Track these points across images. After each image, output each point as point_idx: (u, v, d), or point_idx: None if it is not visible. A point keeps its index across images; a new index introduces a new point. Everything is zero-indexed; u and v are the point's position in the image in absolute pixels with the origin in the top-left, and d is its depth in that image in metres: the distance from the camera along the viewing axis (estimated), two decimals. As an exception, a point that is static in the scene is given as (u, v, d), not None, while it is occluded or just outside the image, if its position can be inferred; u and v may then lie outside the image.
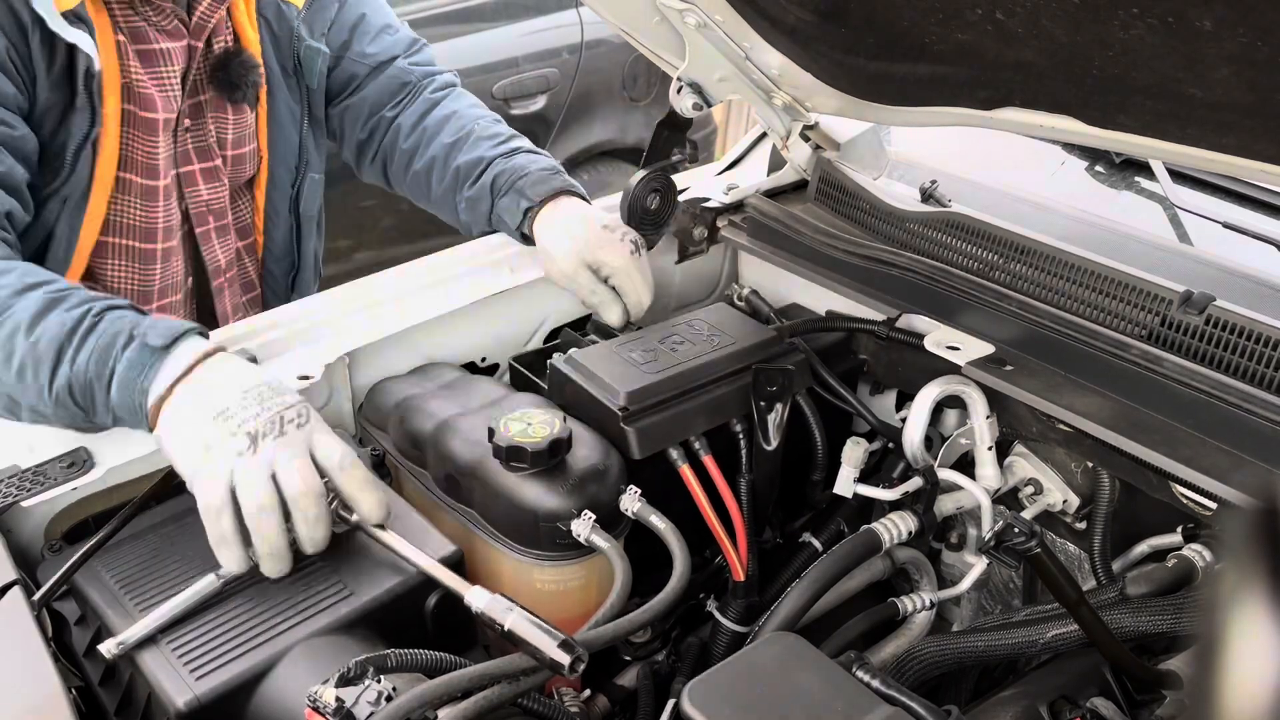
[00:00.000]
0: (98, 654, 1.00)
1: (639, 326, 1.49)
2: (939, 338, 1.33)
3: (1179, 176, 1.55)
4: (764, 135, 1.79)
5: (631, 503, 1.16)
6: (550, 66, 3.60)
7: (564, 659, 0.90)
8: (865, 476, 1.34)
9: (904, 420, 1.31)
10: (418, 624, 1.09)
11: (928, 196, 1.55)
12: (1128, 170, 1.62)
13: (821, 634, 1.19)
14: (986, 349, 1.30)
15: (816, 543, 1.38)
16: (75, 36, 1.34)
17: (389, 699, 0.87)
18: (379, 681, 0.88)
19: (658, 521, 1.14)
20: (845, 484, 1.33)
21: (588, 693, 1.21)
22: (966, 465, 1.34)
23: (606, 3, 1.37)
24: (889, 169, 1.67)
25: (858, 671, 0.98)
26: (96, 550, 1.08)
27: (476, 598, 0.98)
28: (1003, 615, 1.35)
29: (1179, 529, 1.25)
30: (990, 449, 1.31)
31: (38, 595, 1.04)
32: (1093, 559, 1.30)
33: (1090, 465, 1.31)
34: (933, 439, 1.40)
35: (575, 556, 1.15)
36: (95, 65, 1.37)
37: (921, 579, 1.39)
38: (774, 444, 1.30)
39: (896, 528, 1.24)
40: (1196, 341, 1.16)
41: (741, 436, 1.30)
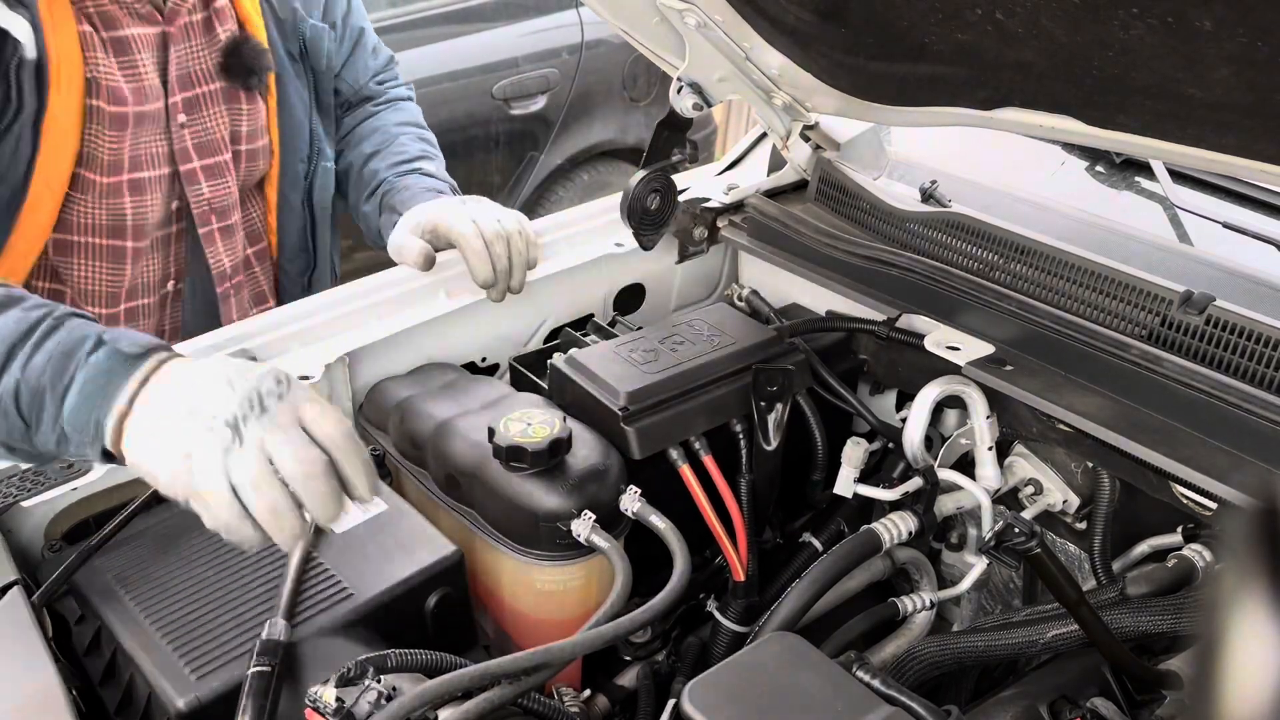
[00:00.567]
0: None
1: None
2: (939, 338, 1.33)
3: (1179, 176, 1.55)
4: (764, 135, 1.79)
5: (631, 503, 1.16)
6: (550, 66, 3.60)
7: None
8: (865, 476, 1.34)
9: (904, 420, 1.31)
10: (418, 624, 1.09)
11: (928, 196, 1.55)
12: (1128, 170, 1.62)
13: (822, 634, 1.19)
14: (986, 349, 1.30)
15: (817, 543, 1.38)
16: (6, 20, 1.28)
17: (389, 699, 0.87)
18: (379, 681, 0.88)
19: (658, 521, 1.14)
20: (845, 484, 1.33)
21: (588, 693, 1.21)
22: (967, 465, 1.34)
23: (606, 3, 1.37)
24: (889, 169, 1.67)
25: (858, 671, 0.98)
26: (96, 550, 1.08)
27: None
28: (1003, 615, 1.35)
29: (1179, 529, 1.25)
30: (990, 449, 1.31)
31: (37, 595, 1.04)
32: (1093, 559, 1.30)
33: (1090, 465, 1.31)
34: (933, 439, 1.40)
35: (575, 556, 1.15)
36: (27, 53, 1.30)
37: (922, 579, 1.39)
38: (774, 444, 1.30)
39: (896, 528, 1.24)
40: (1196, 341, 1.16)
41: (741, 436, 1.30)
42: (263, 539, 0.89)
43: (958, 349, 1.30)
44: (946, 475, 1.30)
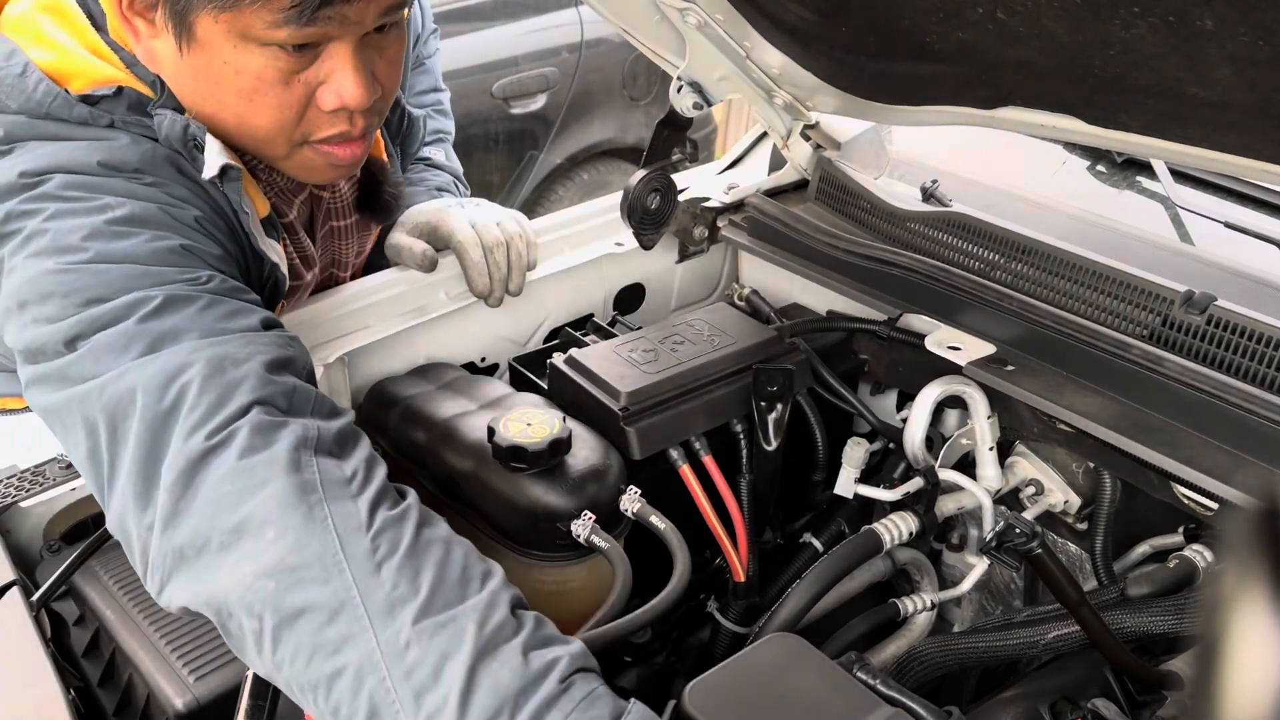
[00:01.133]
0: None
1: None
2: (940, 338, 1.33)
3: (1180, 176, 1.55)
4: (764, 135, 1.79)
5: (631, 503, 1.16)
6: (550, 66, 3.60)
7: None
8: (866, 477, 1.34)
9: (905, 420, 1.30)
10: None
11: (928, 196, 1.55)
12: (1129, 170, 1.62)
13: (822, 635, 1.19)
14: (987, 349, 1.30)
15: (817, 543, 1.38)
16: (270, 249, 1.19)
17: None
18: (378, 682, 0.88)
19: (658, 522, 1.14)
20: (846, 484, 1.33)
21: (588, 693, 1.21)
22: (967, 466, 1.34)
23: (607, 2, 1.37)
24: (889, 168, 1.67)
25: (858, 672, 0.98)
26: (96, 550, 1.08)
27: None
28: (1004, 616, 1.35)
29: (1180, 529, 1.25)
30: (991, 449, 1.31)
31: (37, 595, 1.04)
32: (1094, 559, 1.30)
33: (1091, 466, 1.31)
34: (934, 439, 1.39)
35: (575, 557, 1.15)
36: (281, 271, 1.21)
37: (922, 580, 1.39)
38: (774, 444, 1.30)
39: (897, 528, 1.24)
40: (1198, 341, 1.16)
41: (742, 436, 1.30)
42: None
43: (958, 349, 1.30)
44: (947, 475, 1.29)
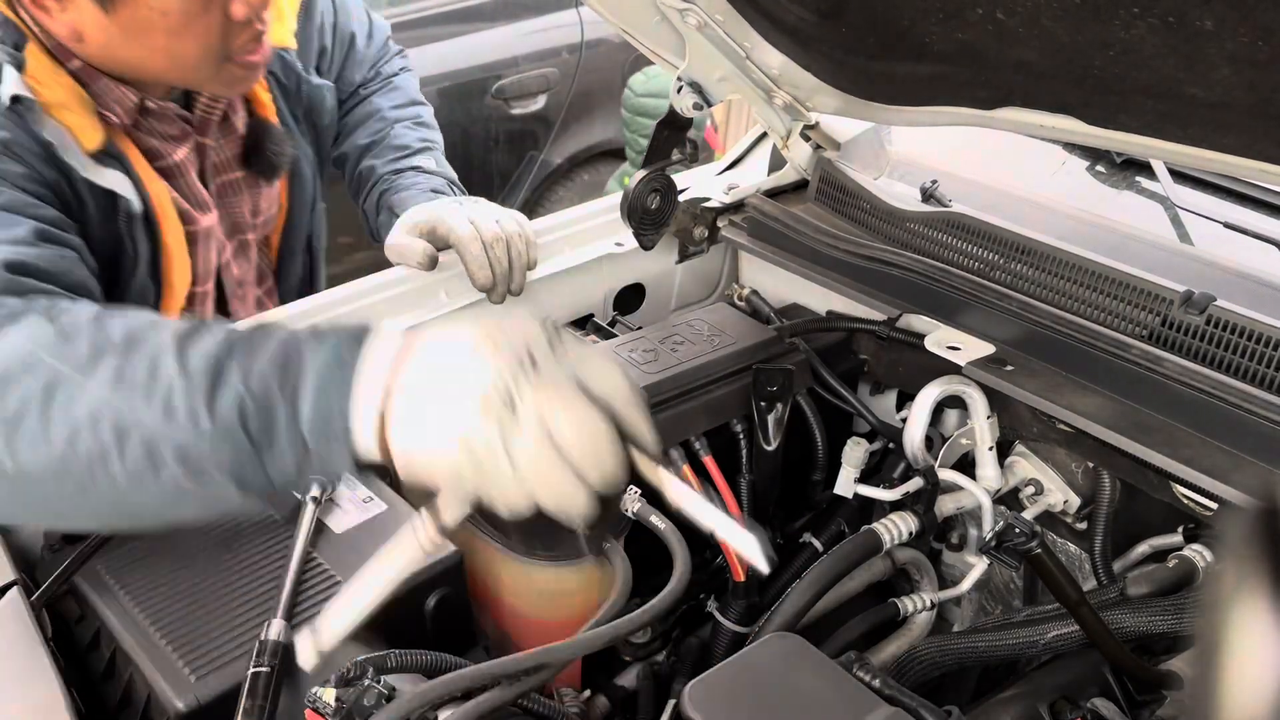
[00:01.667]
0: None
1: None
2: (939, 338, 1.33)
3: (1180, 176, 1.55)
4: (764, 135, 1.79)
5: (631, 503, 1.16)
6: (550, 66, 3.60)
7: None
8: (866, 477, 1.34)
9: (904, 420, 1.31)
10: (418, 624, 1.09)
11: (928, 196, 1.55)
12: (1128, 170, 1.62)
13: (822, 634, 1.19)
14: (987, 349, 1.30)
15: (817, 543, 1.38)
16: (110, 180, 1.28)
17: (389, 699, 0.87)
18: (379, 682, 0.88)
19: (658, 521, 1.14)
20: (846, 484, 1.33)
21: (588, 693, 1.21)
22: (967, 465, 1.34)
23: (607, 2, 1.37)
24: (889, 169, 1.67)
25: (858, 672, 0.98)
26: (96, 550, 1.08)
27: None
28: (1003, 616, 1.35)
29: (1180, 529, 1.25)
30: (991, 449, 1.31)
31: (37, 595, 1.04)
32: (1093, 559, 1.30)
33: (1091, 465, 1.31)
34: (933, 439, 1.40)
35: (575, 557, 1.15)
36: (134, 206, 1.31)
37: (922, 579, 1.39)
38: (774, 444, 1.30)
39: (897, 528, 1.24)
40: (1197, 341, 1.16)
41: (742, 436, 1.30)
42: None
43: (958, 349, 1.30)
44: (947, 475, 1.30)
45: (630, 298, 1.69)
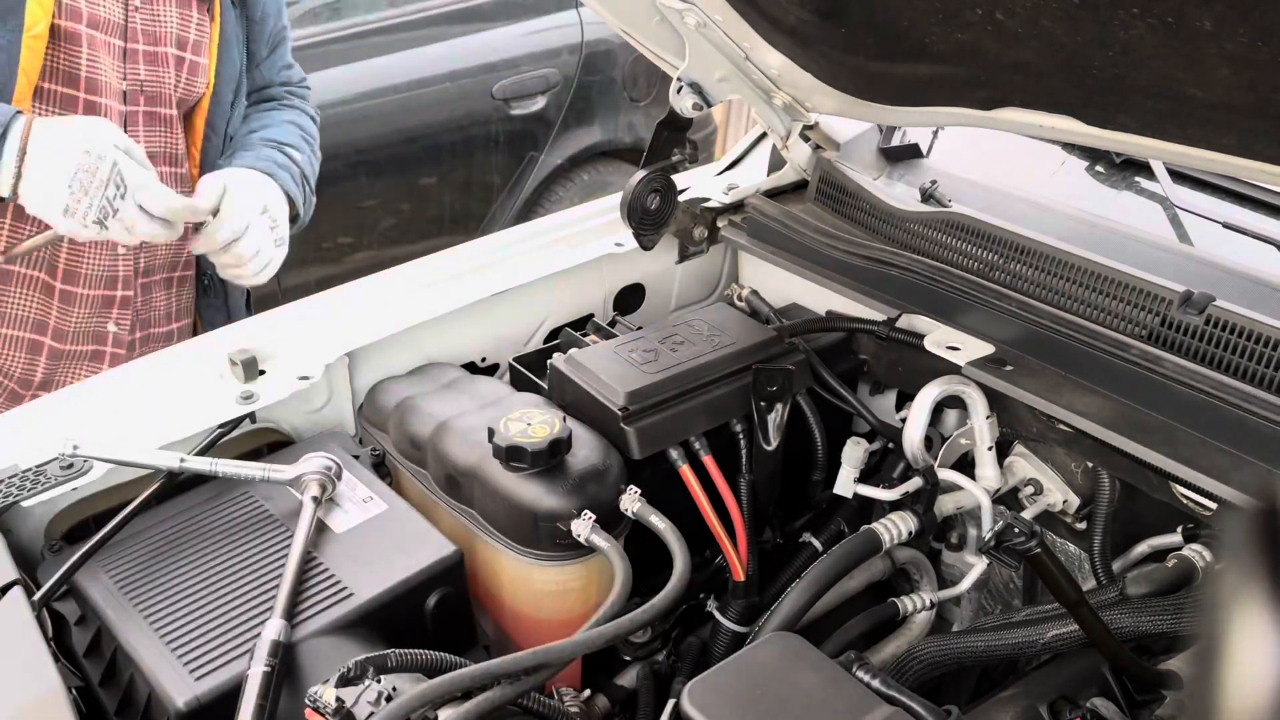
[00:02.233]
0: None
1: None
2: (939, 338, 1.33)
3: (1179, 176, 1.55)
4: (764, 135, 1.79)
5: (631, 503, 1.16)
6: (550, 66, 3.60)
7: None
8: (865, 476, 1.34)
9: (904, 420, 1.31)
10: (418, 624, 1.09)
11: (928, 196, 1.55)
12: (1128, 170, 1.62)
13: (822, 634, 1.19)
14: (986, 349, 1.30)
15: (817, 543, 1.38)
16: None
17: (389, 699, 0.87)
18: (379, 681, 0.88)
19: (658, 521, 1.14)
20: (845, 484, 1.33)
21: (588, 693, 1.21)
22: (966, 465, 1.34)
23: (606, 3, 1.37)
24: (889, 169, 1.67)
25: (858, 671, 0.98)
26: (96, 550, 1.08)
27: None
28: (1003, 615, 1.35)
29: (1179, 529, 1.25)
30: (990, 449, 1.31)
31: (38, 595, 1.04)
32: (1093, 559, 1.30)
33: (1090, 465, 1.31)
34: (933, 439, 1.40)
35: (575, 556, 1.15)
36: None
37: (922, 579, 1.39)
38: (774, 444, 1.30)
39: (896, 528, 1.24)
40: (1196, 341, 1.16)
41: (741, 436, 1.30)
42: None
43: (958, 349, 1.30)
44: (946, 475, 1.30)
45: (630, 298, 1.69)
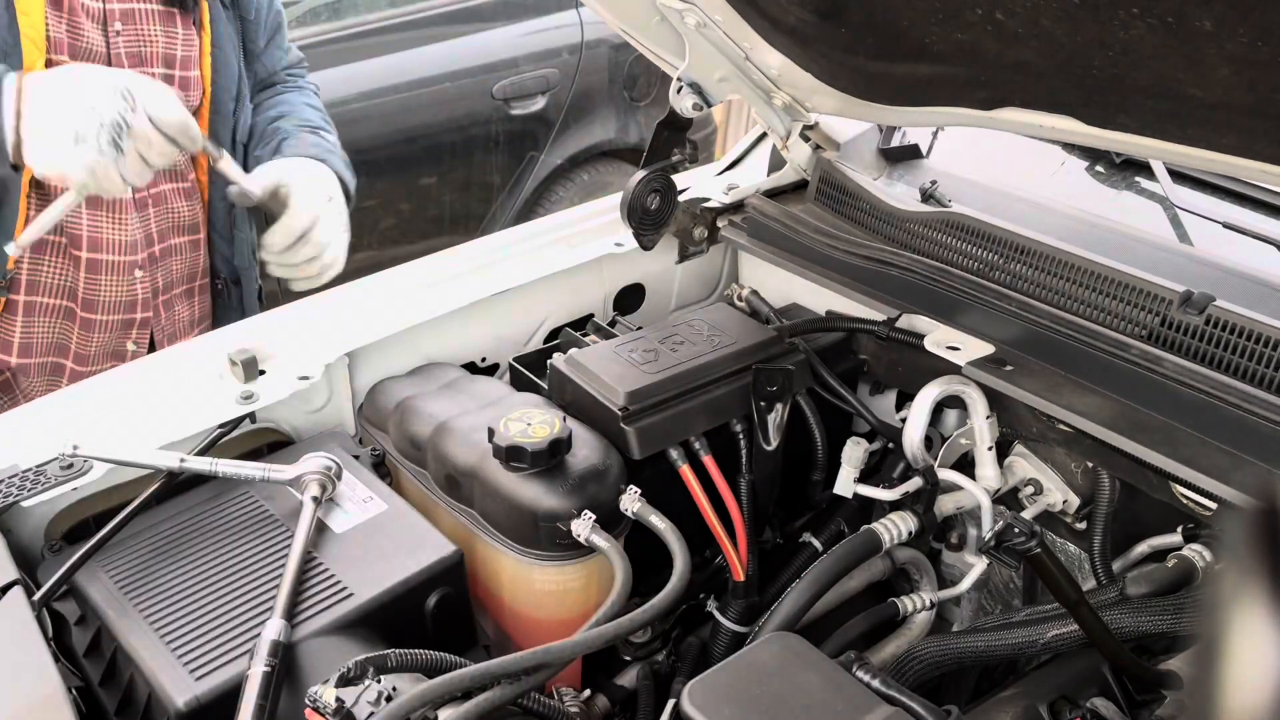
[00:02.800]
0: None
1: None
2: (939, 338, 1.33)
3: (1179, 176, 1.55)
4: (764, 135, 1.79)
5: (631, 503, 1.16)
6: (550, 66, 3.60)
7: None
8: (865, 476, 1.34)
9: (904, 420, 1.31)
10: (418, 624, 1.09)
11: (928, 196, 1.55)
12: (1128, 170, 1.62)
13: (822, 634, 1.19)
14: (986, 349, 1.30)
15: (817, 543, 1.38)
16: None
17: (389, 699, 0.87)
18: (379, 681, 0.88)
19: (658, 521, 1.14)
20: (845, 484, 1.33)
21: (588, 693, 1.21)
22: (966, 465, 1.34)
23: (606, 3, 1.37)
24: (889, 169, 1.67)
25: (858, 671, 0.98)
26: (96, 550, 1.08)
27: None
28: (1003, 615, 1.35)
29: (1179, 529, 1.25)
30: (990, 449, 1.31)
31: (38, 595, 1.04)
32: (1093, 559, 1.30)
33: (1090, 465, 1.31)
34: (933, 439, 1.40)
35: (575, 556, 1.15)
36: None
37: (921, 579, 1.39)
38: (774, 444, 1.30)
39: (896, 528, 1.24)
40: (1196, 341, 1.16)
41: (741, 436, 1.30)
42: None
43: (958, 349, 1.30)
44: (946, 475, 1.30)
45: (630, 298, 1.69)
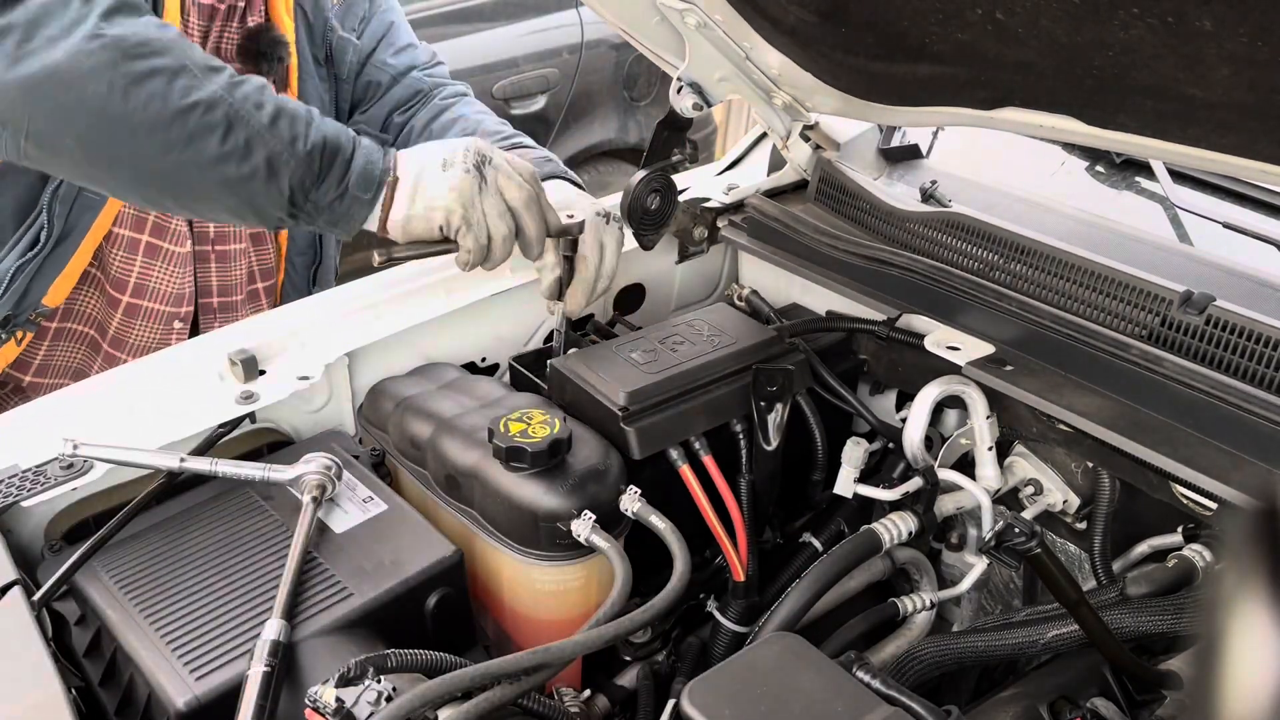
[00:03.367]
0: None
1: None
2: (939, 338, 1.33)
3: (1179, 176, 1.55)
4: (764, 135, 1.79)
5: (631, 503, 1.16)
6: (550, 66, 3.60)
7: None
8: (865, 476, 1.34)
9: (904, 420, 1.31)
10: (418, 624, 1.09)
11: (928, 196, 1.55)
12: (1128, 170, 1.62)
13: (822, 634, 1.19)
14: (986, 349, 1.30)
15: (817, 543, 1.38)
16: None
17: (389, 699, 0.87)
18: (379, 681, 0.88)
19: (658, 521, 1.14)
20: (845, 484, 1.33)
21: (588, 693, 1.21)
22: (967, 465, 1.34)
23: (606, 3, 1.37)
24: (889, 169, 1.67)
25: (858, 672, 0.98)
26: (96, 550, 1.08)
27: None
28: (1003, 615, 1.35)
29: (1179, 529, 1.25)
30: (990, 449, 1.31)
31: (38, 595, 1.04)
32: (1093, 559, 1.30)
33: (1090, 465, 1.31)
34: (933, 439, 1.40)
35: (575, 556, 1.15)
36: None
37: (922, 579, 1.39)
38: (774, 444, 1.30)
39: (897, 528, 1.24)
40: (1197, 341, 1.16)
41: (741, 436, 1.30)
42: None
43: (958, 349, 1.30)
44: (946, 475, 1.30)
45: (630, 298, 1.69)
